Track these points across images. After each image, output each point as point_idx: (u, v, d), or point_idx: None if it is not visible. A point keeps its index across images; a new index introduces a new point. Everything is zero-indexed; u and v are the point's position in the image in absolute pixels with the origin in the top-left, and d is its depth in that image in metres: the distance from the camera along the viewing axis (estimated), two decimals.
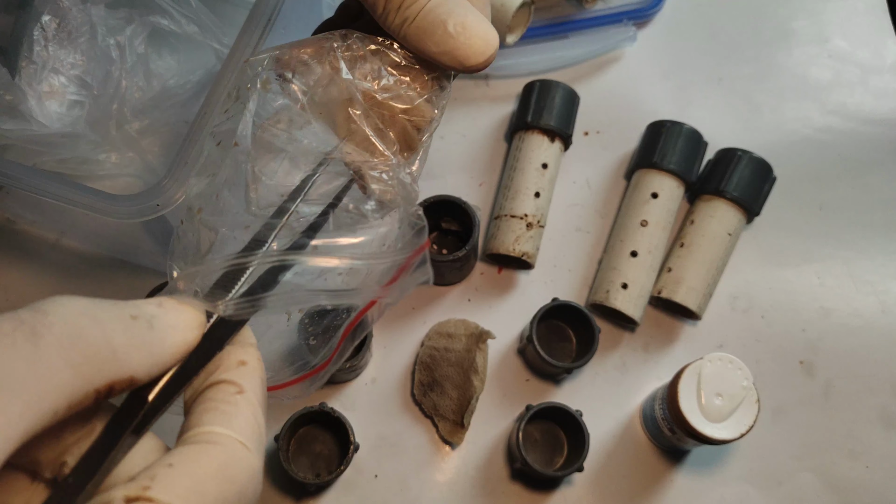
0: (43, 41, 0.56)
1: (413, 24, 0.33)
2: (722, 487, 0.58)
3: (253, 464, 0.25)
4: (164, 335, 0.25)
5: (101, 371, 0.23)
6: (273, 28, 0.52)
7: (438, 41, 0.33)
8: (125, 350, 0.24)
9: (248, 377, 0.27)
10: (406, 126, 0.35)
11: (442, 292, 0.64)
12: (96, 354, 0.23)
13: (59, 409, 0.22)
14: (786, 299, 0.64)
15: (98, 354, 0.23)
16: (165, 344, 0.25)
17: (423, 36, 0.33)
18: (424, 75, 0.35)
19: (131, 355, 0.24)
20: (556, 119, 0.63)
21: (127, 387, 0.24)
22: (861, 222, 0.66)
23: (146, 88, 0.60)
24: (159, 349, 0.25)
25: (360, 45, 0.34)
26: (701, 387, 0.52)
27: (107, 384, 0.23)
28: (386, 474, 0.58)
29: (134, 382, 0.25)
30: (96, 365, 0.23)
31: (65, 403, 0.22)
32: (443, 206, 0.60)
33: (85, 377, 0.23)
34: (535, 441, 0.58)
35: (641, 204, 0.62)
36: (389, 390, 0.61)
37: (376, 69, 0.34)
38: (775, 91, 0.71)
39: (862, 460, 0.59)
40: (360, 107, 0.34)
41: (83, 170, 0.60)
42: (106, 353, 0.23)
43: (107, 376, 0.23)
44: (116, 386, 0.24)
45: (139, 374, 0.24)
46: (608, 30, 0.71)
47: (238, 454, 0.25)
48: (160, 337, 0.25)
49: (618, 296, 0.59)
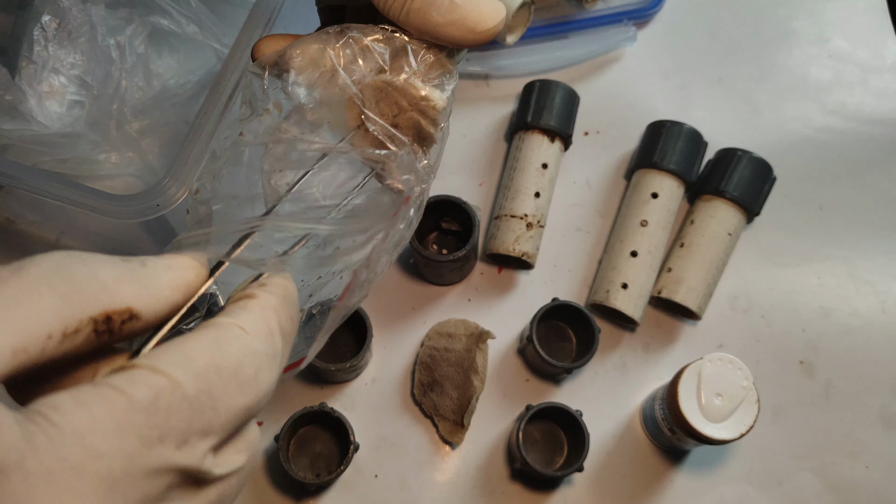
0: (43, 41, 0.55)
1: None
2: (722, 487, 0.58)
3: (252, 345, 0.25)
4: (157, 271, 0.26)
5: (91, 299, 0.23)
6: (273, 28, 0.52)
7: (444, 11, 0.32)
8: (115, 282, 0.24)
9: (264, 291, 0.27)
10: (417, 118, 0.34)
11: (442, 292, 0.64)
12: (84, 284, 0.23)
13: (52, 332, 0.22)
14: (786, 299, 0.64)
15: (85, 283, 0.23)
16: (161, 279, 0.25)
17: (427, 9, 0.32)
18: (431, 57, 0.34)
19: (123, 287, 0.24)
20: (556, 119, 0.63)
21: (129, 318, 0.24)
22: (861, 222, 0.66)
23: (146, 88, 0.60)
24: (154, 282, 0.25)
25: (360, 36, 0.33)
26: (701, 387, 0.52)
27: (102, 313, 0.23)
28: (386, 474, 0.58)
29: (135, 315, 0.24)
30: (85, 293, 0.23)
31: (58, 328, 0.22)
32: (443, 206, 0.60)
33: (74, 304, 0.23)
34: (535, 441, 0.58)
35: (641, 204, 0.62)
36: (389, 390, 0.61)
37: (380, 59, 0.33)
38: (775, 91, 0.71)
39: (862, 460, 0.59)
40: (365, 102, 0.33)
41: (83, 170, 0.60)
42: (94, 284, 0.23)
43: (100, 305, 0.23)
44: (115, 317, 0.24)
45: (138, 306, 0.24)
46: (608, 30, 0.71)
47: (234, 332, 0.25)
48: (153, 273, 0.25)
49: (618, 296, 0.59)
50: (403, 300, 0.63)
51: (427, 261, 0.58)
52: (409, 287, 0.64)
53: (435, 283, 0.64)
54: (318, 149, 0.32)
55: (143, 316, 0.25)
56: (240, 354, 0.24)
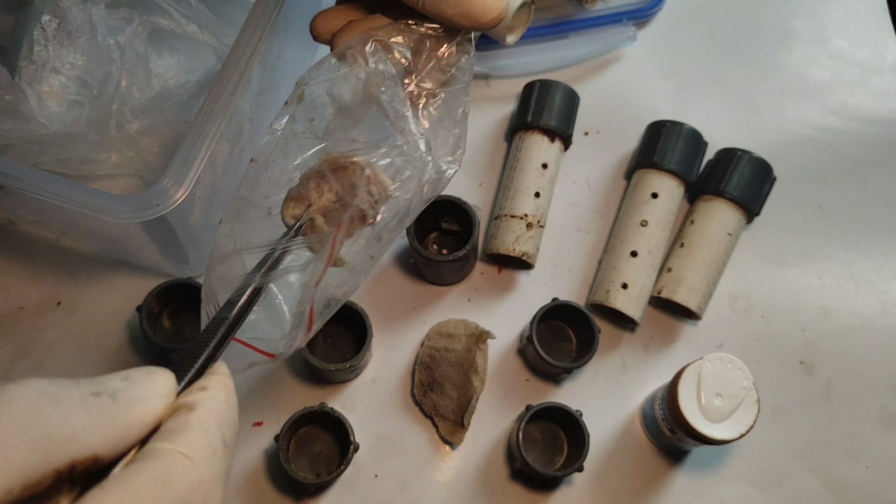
0: (43, 41, 0.55)
1: None
2: (722, 487, 0.58)
3: (198, 474, 0.25)
4: (127, 409, 0.25)
5: (60, 450, 0.23)
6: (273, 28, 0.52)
7: (453, 3, 0.38)
8: (85, 427, 0.24)
9: (205, 399, 0.27)
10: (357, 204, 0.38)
11: (442, 292, 0.64)
12: (55, 433, 0.23)
13: (12, 487, 0.22)
14: (786, 299, 0.64)
15: (57, 433, 0.23)
16: (129, 417, 0.25)
17: (439, 2, 0.38)
18: (446, 42, 0.40)
19: (93, 433, 0.24)
20: (556, 119, 0.63)
21: (91, 465, 0.24)
22: (861, 222, 0.66)
23: (146, 88, 0.60)
24: (122, 423, 0.25)
25: (384, 38, 0.39)
26: (701, 387, 0.52)
27: (67, 463, 0.23)
28: (386, 474, 0.58)
29: (98, 461, 0.24)
30: (55, 443, 0.23)
31: (20, 482, 0.22)
32: (443, 206, 0.60)
33: (43, 455, 0.22)
34: (535, 441, 0.58)
35: (641, 204, 0.62)
36: (389, 390, 0.61)
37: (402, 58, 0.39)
38: (775, 91, 0.71)
39: (862, 460, 0.59)
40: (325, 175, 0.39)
41: (83, 170, 0.60)
42: (65, 432, 0.23)
43: (67, 455, 0.23)
44: (78, 465, 0.23)
45: (103, 452, 0.24)
46: (608, 30, 0.71)
47: (178, 463, 0.24)
48: (123, 411, 0.25)
49: (618, 296, 0.59)
50: (403, 300, 0.63)
51: (427, 261, 0.58)
52: (409, 287, 0.64)
53: (435, 283, 0.64)
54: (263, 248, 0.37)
55: (104, 460, 0.24)
56: (186, 487, 0.24)
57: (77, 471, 0.23)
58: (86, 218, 0.48)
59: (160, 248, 0.57)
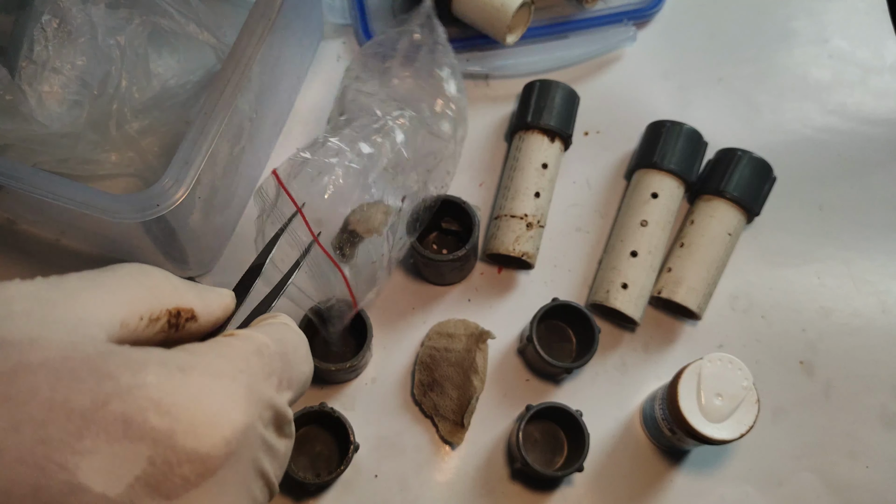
0: (43, 41, 0.55)
1: None
2: (722, 487, 0.58)
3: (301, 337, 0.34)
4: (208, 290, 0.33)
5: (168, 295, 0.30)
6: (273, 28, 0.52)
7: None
8: (183, 288, 0.31)
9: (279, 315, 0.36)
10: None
11: (442, 292, 0.64)
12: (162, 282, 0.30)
13: (143, 314, 0.28)
14: (786, 299, 0.64)
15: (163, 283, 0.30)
16: (212, 296, 0.33)
17: None
18: None
19: (188, 293, 0.31)
20: (556, 119, 0.63)
21: (191, 318, 0.31)
22: (861, 222, 0.66)
23: (146, 88, 0.60)
24: (208, 297, 0.32)
25: None
26: (701, 387, 0.52)
27: (175, 307, 0.30)
28: (386, 474, 0.58)
29: (195, 317, 0.31)
30: (164, 290, 0.30)
31: (146, 312, 0.28)
32: (443, 206, 0.60)
33: (156, 296, 0.29)
34: (535, 441, 0.58)
35: (641, 204, 0.62)
36: (389, 390, 0.61)
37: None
38: (775, 91, 0.71)
39: (862, 460, 0.59)
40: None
41: (83, 170, 0.60)
42: (168, 286, 0.30)
43: (174, 301, 0.30)
44: (183, 313, 0.30)
45: (198, 311, 0.31)
46: (608, 30, 0.71)
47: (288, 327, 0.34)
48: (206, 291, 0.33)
49: (618, 296, 0.59)
50: (403, 300, 0.63)
51: (427, 261, 0.58)
52: (409, 287, 0.64)
53: (435, 283, 0.64)
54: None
55: (199, 320, 0.31)
56: (296, 340, 0.33)
57: (182, 318, 0.30)
58: (86, 218, 0.48)
59: (160, 248, 0.57)
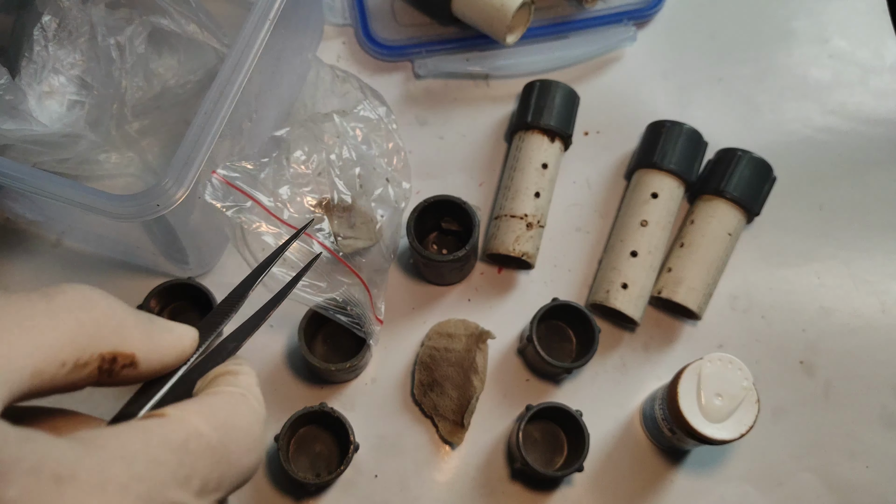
0: (43, 41, 0.55)
1: None
2: (722, 487, 0.58)
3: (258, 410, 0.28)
4: (163, 330, 0.28)
5: (106, 335, 0.25)
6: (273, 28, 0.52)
7: None
8: (128, 326, 0.26)
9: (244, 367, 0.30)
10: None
11: (442, 292, 0.64)
12: (102, 319, 0.25)
13: (66, 360, 0.24)
14: (786, 299, 0.64)
15: (104, 320, 0.25)
16: (164, 336, 0.28)
17: None
18: None
19: (134, 333, 0.26)
20: (556, 119, 0.63)
21: (129, 364, 0.26)
22: (861, 222, 0.66)
23: (146, 88, 0.60)
24: (158, 338, 0.28)
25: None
26: (701, 387, 0.52)
27: (111, 352, 0.25)
28: (386, 474, 0.58)
29: (135, 363, 0.26)
30: (102, 329, 0.25)
31: (72, 357, 0.24)
32: (443, 206, 0.60)
33: (91, 337, 0.25)
34: (535, 441, 0.58)
35: (641, 204, 0.62)
36: (389, 390, 0.61)
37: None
38: (775, 91, 0.71)
39: (862, 460, 0.59)
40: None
41: (83, 170, 0.60)
42: (111, 322, 0.26)
43: (111, 344, 0.25)
44: (119, 359, 0.26)
45: (140, 356, 0.26)
46: (608, 30, 0.71)
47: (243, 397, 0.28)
48: (159, 330, 0.28)
49: (618, 296, 0.59)
50: (403, 300, 0.63)
51: (427, 261, 0.58)
52: (409, 287, 0.64)
53: (435, 283, 0.64)
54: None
55: (140, 367, 0.27)
56: (248, 420, 0.27)
57: (117, 365, 0.26)
58: (86, 218, 0.48)
59: (160, 248, 0.57)
